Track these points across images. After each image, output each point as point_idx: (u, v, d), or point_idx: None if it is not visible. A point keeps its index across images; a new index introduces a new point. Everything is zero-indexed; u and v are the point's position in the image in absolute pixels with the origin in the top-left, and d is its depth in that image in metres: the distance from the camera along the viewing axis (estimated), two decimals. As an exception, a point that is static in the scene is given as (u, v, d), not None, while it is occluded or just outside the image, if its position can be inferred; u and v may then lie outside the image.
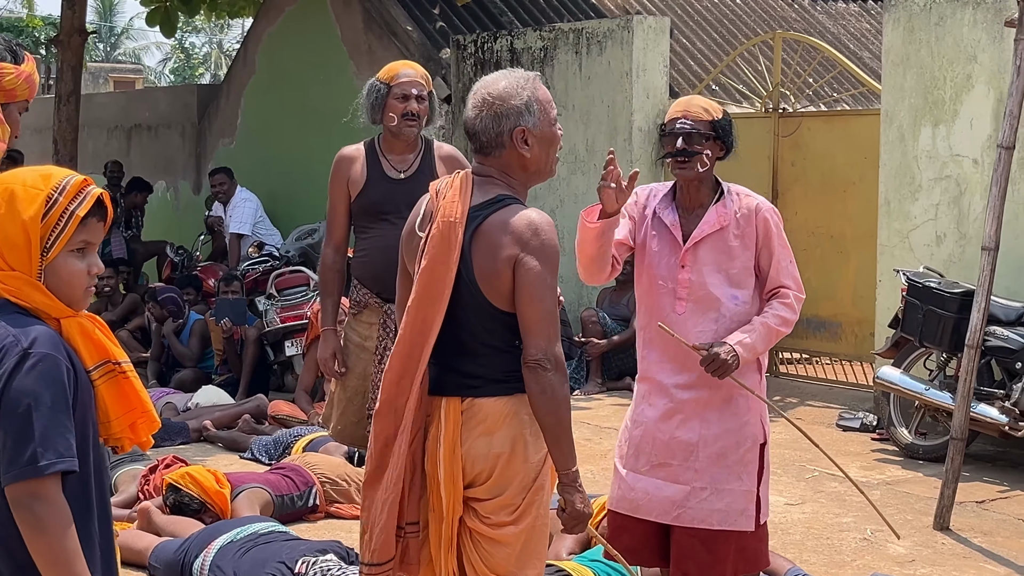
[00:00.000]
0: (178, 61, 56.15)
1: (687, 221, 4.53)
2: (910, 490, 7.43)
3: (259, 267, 11.05)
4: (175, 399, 9.43)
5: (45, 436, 2.60)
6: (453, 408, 3.68)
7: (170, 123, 16.50)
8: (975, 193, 8.48)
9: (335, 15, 13.65)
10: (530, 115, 3.71)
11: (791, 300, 4.49)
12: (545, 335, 3.57)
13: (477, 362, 3.67)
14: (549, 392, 3.57)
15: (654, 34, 11.00)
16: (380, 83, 5.58)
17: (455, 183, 3.74)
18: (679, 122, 4.48)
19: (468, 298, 3.64)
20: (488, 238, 3.62)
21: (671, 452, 4.49)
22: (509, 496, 3.67)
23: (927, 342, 8.00)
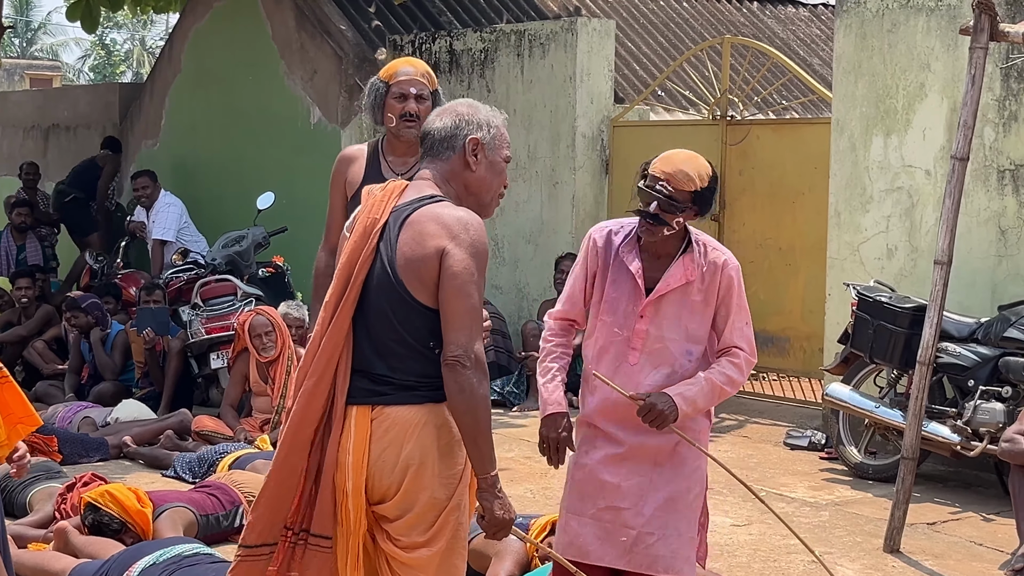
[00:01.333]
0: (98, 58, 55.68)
1: (651, 267, 4.53)
2: (859, 511, 7.48)
3: (183, 275, 10.93)
4: (94, 413, 9.34)
5: None
6: (362, 416, 3.67)
7: (90, 123, 16.37)
8: (927, 205, 8.55)
9: (265, 12, 13.62)
10: (487, 133, 3.80)
11: (740, 362, 4.54)
12: (467, 331, 3.59)
13: (389, 363, 3.67)
14: (468, 391, 3.58)
15: (599, 37, 11.04)
16: (379, 81, 5.53)
17: (387, 186, 3.80)
18: (659, 184, 4.44)
19: (389, 291, 3.65)
20: (417, 227, 3.65)
21: (620, 495, 4.53)
22: (419, 513, 3.67)
23: (877, 358, 8.06)
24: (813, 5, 16.74)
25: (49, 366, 10.98)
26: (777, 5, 16.52)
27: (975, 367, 7.63)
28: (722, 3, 16.07)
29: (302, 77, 13.23)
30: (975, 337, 7.75)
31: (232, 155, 13.95)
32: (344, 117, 12.73)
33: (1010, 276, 8.15)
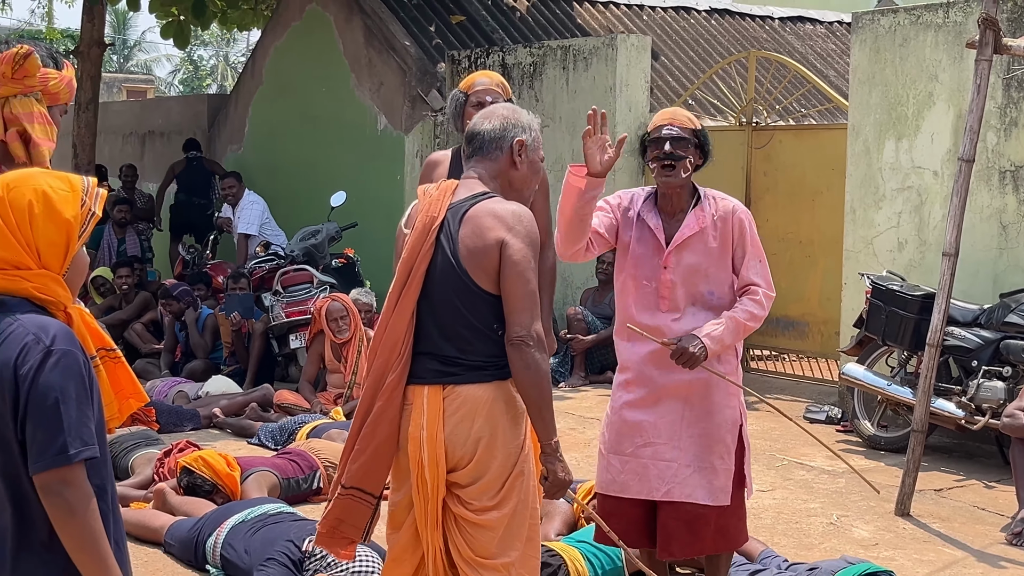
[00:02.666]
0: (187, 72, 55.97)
1: (668, 225, 4.57)
2: (873, 478, 7.32)
3: (265, 265, 10.97)
4: (187, 388, 9.41)
5: (73, 427, 2.59)
6: (434, 396, 3.67)
7: (182, 130, 16.39)
8: (935, 203, 8.48)
9: (337, 31, 13.64)
10: (530, 136, 3.81)
11: (760, 297, 4.55)
12: (528, 313, 3.59)
13: (458, 347, 3.66)
14: (533, 367, 3.58)
15: (636, 52, 11.00)
16: (459, 92, 5.53)
17: (441, 186, 3.80)
18: (665, 128, 4.51)
19: (454, 281, 3.64)
20: (476, 221, 3.64)
21: (656, 432, 4.53)
22: (490, 480, 3.67)
23: (889, 341, 8.01)
24: (829, 22, 16.59)
25: (146, 346, 11.05)
26: (796, 23, 16.39)
27: (978, 349, 7.57)
28: (746, 21, 15.95)
29: (370, 88, 13.26)
30: (978, 322, 7.69)
31: (307, 158, 14.00)
32: (407, 124, 12.75)
33: (1010, 267, 8.08)
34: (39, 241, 2.68)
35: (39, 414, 2.58)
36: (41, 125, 3.42)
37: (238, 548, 5.44)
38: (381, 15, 13.15)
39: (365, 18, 13.24)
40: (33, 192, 2.69)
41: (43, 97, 3.44)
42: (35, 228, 2.68)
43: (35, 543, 2.64)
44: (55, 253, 2.70)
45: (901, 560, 5.93)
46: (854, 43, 9.00)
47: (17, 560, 2.64)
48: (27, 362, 2.60)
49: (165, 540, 5.89)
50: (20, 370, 2.60)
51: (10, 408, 2.61)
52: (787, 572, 5.26)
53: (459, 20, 13.52)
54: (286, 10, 14.45)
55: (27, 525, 2.64)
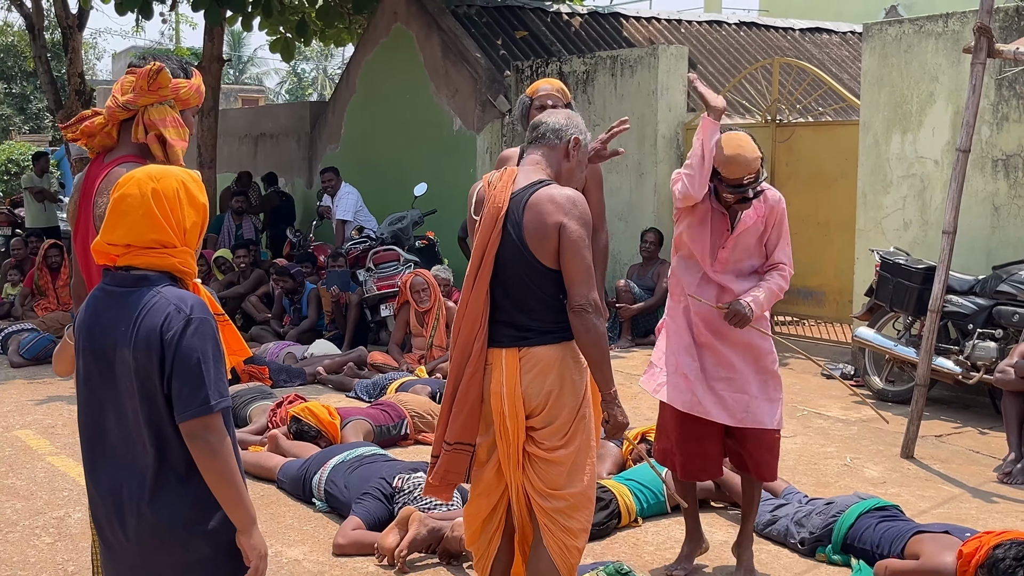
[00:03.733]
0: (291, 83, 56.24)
1: (732, 211, 4.59)
2: (881, 426, 7.34)
3: (360, 246, 10.96)
4: (295, 350, 9.44)
5: (212, 382, 2.63)
6: (511, 357, 3.70)
7: (288, 132, 16.51)
8: (935, 188, 8.36)
9: (419, 45, 13.63)
10: (584, 137, 3.84)
11: (785, 273, 4.67)
12: (586, 284, 3.61)
13: (530, 316, 3.68)
14: (592, 330, 3.60)
15: (675, 60, 10.91)
16: (526, 97, 5.51)
17: (504, 176, 3.78)
18: (745, 179, 4.45)
19: (522, 260, 3.66)
20: (537, 208, 3.65)
21: (731, 368, 4.61)
22: (560, 424, 3.70)
23: (896, 308, 7.90)
24: (843, 33, 16.35)
25: (260, 315, 11.06)
26: (815, 33, 16.16)
27: (974, 314, 7.45)
28: (771, 32, 15.75)
29: (446, 95, 13.25)
30: (974, 291, 7.57)
31: (394, 155, 14.03)
32: (479, 125, 12.74)
33: (1002, 243, 7.95)
34: (186, 223, 2.75)
35: (184, 372, 2.63)
36: (175, 128, 3.47)
37: (339, 484, 5.48)
38: (456, 32, 13.14)
39: (442, 34, 13.22)
40: (178, 183, 2.76)
41: (176, 103, 3.49)
42: (184, 212, 2.74)
43: (172, 479, 2.70)
44: (194, 232, 2.77)
45: (906, 496, 5.88)
46: (865, 50, 8.87)
47: (155, 494, 2.69)
48: (171, 328, 2.65)
49: (278, 478, 5.96)
50: (165, 335, 2.65)
51: (156, 367, 2.66)
52: (807, 506, 5.23)
53: (522, 35, 13.47)
54: (375, 28, 14.47)
55: (166, 465, 2.70)
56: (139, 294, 2.71)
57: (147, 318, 2.67)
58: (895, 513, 4.98)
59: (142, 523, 2.69)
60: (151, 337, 2.65)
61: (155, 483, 2.69)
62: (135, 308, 2.69)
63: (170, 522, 2.68)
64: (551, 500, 3.72)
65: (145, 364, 2.66)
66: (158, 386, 2.66)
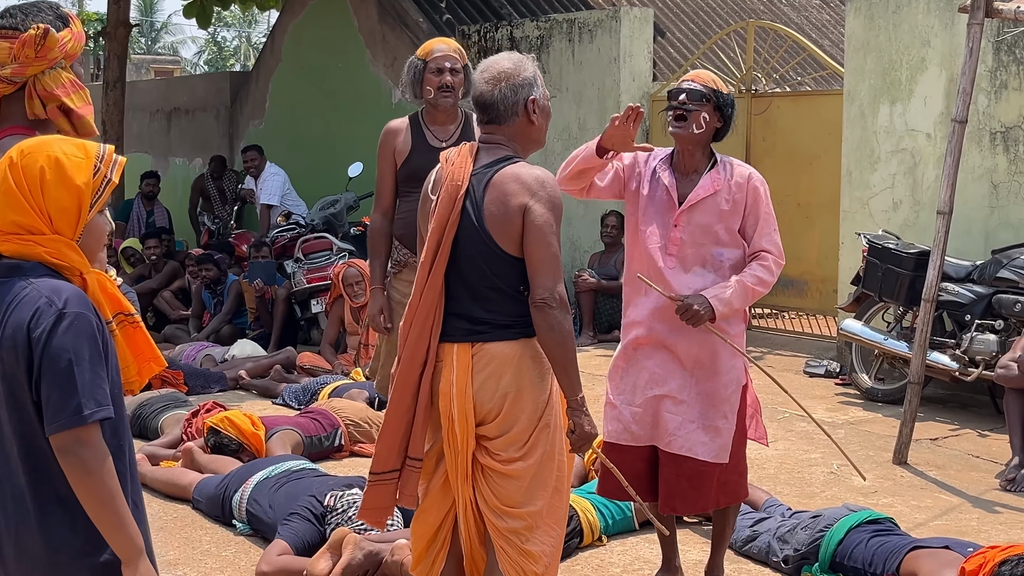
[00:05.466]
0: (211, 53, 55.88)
1: (682, 184, 4.43)
2: (871, 429, 7.35)
3: (287, 234, 10.93)
4: (214, 351, 9.38)
5: (87, 388, 2.51)
6: (463, 353, 3.61)
7: (206, 107, 16.37)
8: (928, 164, 8.36)
9: (353, 8, 13.53)
10: (537, 88, 3.71)
11: (769, 263, 4.41)
12: (551, 276, 3.51)
13: (486, 307, 3.59)
14: (556, 327, 3.50)
15: (639, 24, 10.87)
16: (417, 60, 5.38)
17: (463, 151, 3.70)
18: (686, 83, 4.40)
19: (480, 245, 3.57)
20: (500, 187, 3.56)
21: (666, 385, 4.41)
22: (517, 432, 3.61)
23: (886, 297, 7.89)
24: (823, -6, 16.42)
25: (175, 312, 11.01)
26: (792, -6, 16.23)
27: (971, 304, 7.46)
28: (744, -7, 15.79)
29: (384, 63, 13.13)
30: (971, 278, 7.57)
31: (326, 131, 13.91)
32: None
33: (1001, 224, 7.96)
34: (50, 206, 2.59)
35: (53, 375, 2.50)
36: (76, 92, 3.28)
37: (263, 503, 5.39)
38: None
39: None
40: (46, 158, 2.60)
41: (65, 61, 3.30)
42: (47, 193, 2.59)
43: (54, 502, 2.57)
44: (67, 219, 2.61)
45: (900, 507, 5.85)
46: (849, 10, 8.86)
47: (35, 519, 2.57)
48: (40, 324, 2.52)
49: (193, 497, 5.85)
50: (33, 332, 2.52)
51: (24, 370, 2.53)
52: (791, 519, 5.18)
53: None
54: None
55: (43, 483, 2.57)
56: (8, 285, 2.58)
57: (15, 313, 2.54)
58: (889, 527, 4.94)
59: (22, 554, 2.56)
60: (18, 335, 2.52)
61: (35, 506, 2.56)
62: (3, 301, 2.56)
63: (54, 552, 2.55)
64: (506, 519, 3.63)
65: (12, 366, 2.53)
66: (27, 392, 2.53)
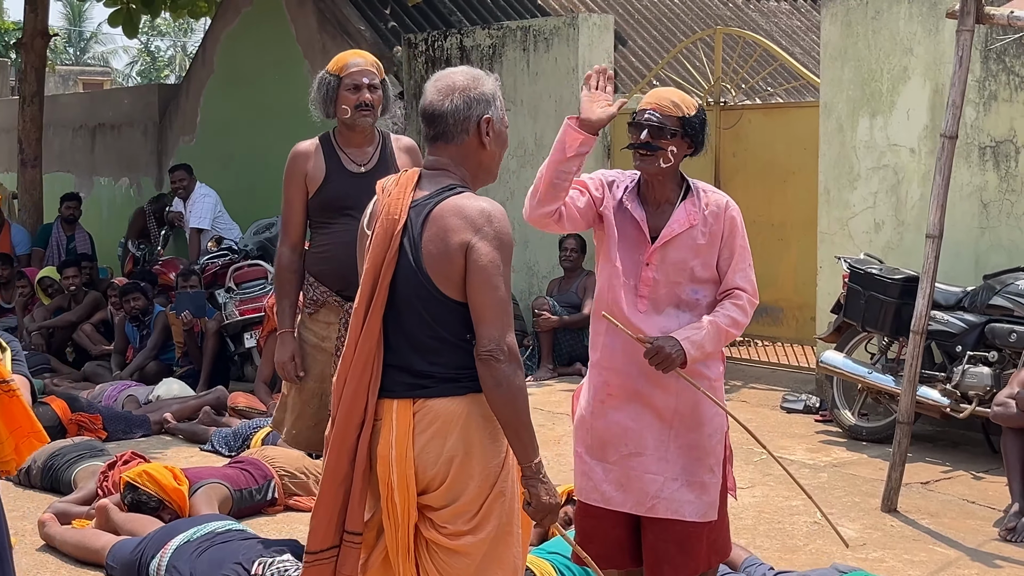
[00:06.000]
0: (144, 64, 55.47)
1: (653, 217, 4.20)
2: (856, 472, 7.15)
3: (218, 261, 10.74)
4: (137, 392, 9.18)
5: None
6: (404, 410, 3.34)
7: (133, 122, 16.12)
8: (912, 182, 8.22)
9: (290, 15, 13.36)
10: (495, 108, 3.45)
11: (744, 303, 4.19)
12: (498, 324, 3.25)
13: (428, 359, 3.33)
14: (505, 384, 3.24)
15: (599, 31, 10.69)
16: (330, 75, 5.11)
17: (400, 179, 3.43)
18: (647, 113, 4.14)
19: (418, 288, 3.31)
20: (440, 223, 3.29)
21: (641, 441, 4.18)
22: (465, 503, 3.34)
23: (869, 327, 7.72)
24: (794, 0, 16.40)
25: (97, 347, 10.82)
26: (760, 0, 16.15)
27: (962, 333, 7.30)
28: (709, -2, 15.71)
29: (325, 75, 12.87)
30: (962, 305, 7.42)
31: (261, 148, 13.63)
32: (364, 111, 12.38)
33: (992, 247, 7.81)
34: None
35: None
36: None
37: (183, 571, 5.13)
38: None
39: (318, 1, 12.94)
40: None
41: None
42: None
43: None
44: None
45: (891, 561, 5.64)
46: (824, 17, 8.73)
47: None
48: None
49: (107, 562, 5.58)
50: None
51: None
52: (774, 582, 4.95)
53: (415, 2, 13.22)
54: None
55: None
56: None
57: None
58: (883, 589, 4.72)
59: None
60: None
61: None
62: None
63: None
64: None
65: None
66: None
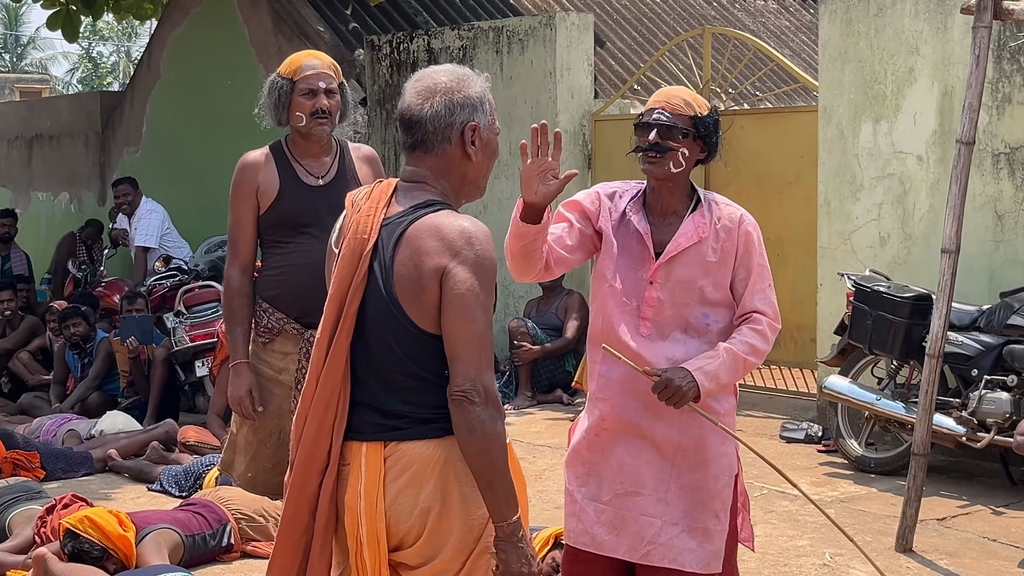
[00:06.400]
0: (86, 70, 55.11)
1: (659, 230, 3.98)
2: (866, 507, 6.94)
3: (166, 282, 10.51)
4: (78, 426, 8.93)
5: None
6: (373, 454, 3.09)
7: (73, 132, 15.92)
8: (919, 191, 8.05)
9: (243, 17, 13.17)
10: (483, 113, 3.17)
11: (763, 327, 3.94)
12: (474, 361, 3.00)
13: (401, 397, 3.08)
14: (479, 430, 2.99)
15: (577, 31, 10.50)
16: (282, 79, 4.84)
17: (373, 193, 3.17)
18: (655, 113, 3.93)
19: (388, 318, 3.06)
20: (414, 243, 3.04)
21: (641, 481, 3.95)
22: (445, 560, 3.08)
23: (877, 349, 7.52)
24: (780, -2, 16.32)
25: (34, 377, 10.57)
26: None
27: (978, 356, 7.13)
28: (691, -3, 15.59)
29: (282, 80, 12.64)
30: (977, 325, 7.25)
31: (213, 159, 13.38)
32: (324, 119, 12.16)
33: (1008, 262, 7.64)
34: None
35: None
36: None
37: (130, 630, 4.85)
38: None
39: (273, 1, 12.74)
40: None
41: None
42: None
43: None
44: None
45: (912, 609, 5.42)
46: (823, 14, 8.58)
47: None
48: None
49: (44, 621, 5.31)
50: None
51: None
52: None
53: (378, 2, 13.08)
54: None
55: None
56: None
57: None
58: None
59: None
60: None
61: None
62: None
63: None
64: None
65: None
66: None
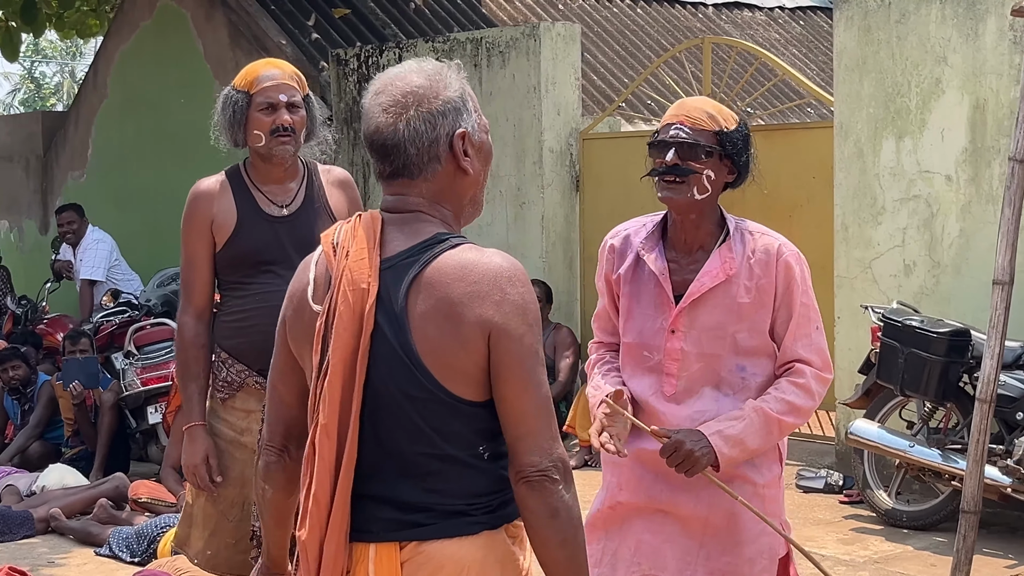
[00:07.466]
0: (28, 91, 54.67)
1: (680, 268, 3.53)
2: (903, 569, 6.48)
3: (115, 319, 10.13)
4: (17, 481, 8.47)
5: None
6: (387, 558, 2.54)
7: (12, 155, 15.63)
8: (949, 215, 7.66)
9: (196, 30, 12.93)
10: (468, 113, 2.66)
11: (807, 380, 3.48)
12: (548, 433, 2.51)
13: (423, 485, 2.54)
14: (564, 515, 2.49)
15: (563, 43, 10.11)
16: (236, 92, 4.26)
17: (358, 230, 2.60)
18: (673, 128, 3.49)
19: (409, 385, 2.51)
20: (439, 292, 2.50)
21: (660, 562, 3.53)
22: None
23: (910, 391, 7.06)
24: (769, 9, 16.09)
25: None
26: (733, 9, 15.87)
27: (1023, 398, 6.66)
28: (676, 8, 15.36)
29: (240, 98, 12.26)
30: (1021, 363, 6.78)
31: (166, 183, 13.09)
32: (286, 139, 11.77)
33: (1051, 292, 7.19)
34: None
35: None
36: None
37: None
38: (248, 9, 12.42)
39: (229, 13, 12.49)
40: None
41: None
42: None
43: None
44: None
45: None
46: (838, 21, 8.21)
47: None
48: None
49: None
50: None
51: None
52: None
53: (342, 13, 12.87)
54: (133, 7, 13.70)
55: None
56: None
57: None
58: None
59: None
60: None
61: None
62: None
63: None
64: None
65: None
66: None
